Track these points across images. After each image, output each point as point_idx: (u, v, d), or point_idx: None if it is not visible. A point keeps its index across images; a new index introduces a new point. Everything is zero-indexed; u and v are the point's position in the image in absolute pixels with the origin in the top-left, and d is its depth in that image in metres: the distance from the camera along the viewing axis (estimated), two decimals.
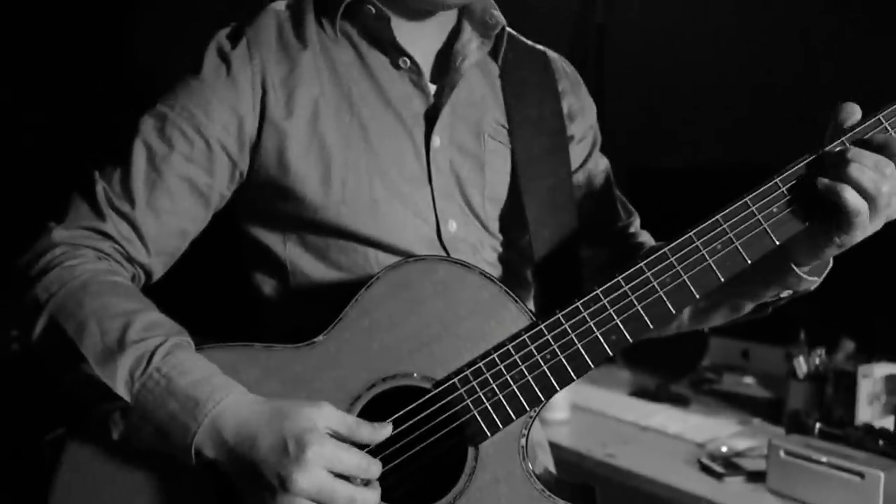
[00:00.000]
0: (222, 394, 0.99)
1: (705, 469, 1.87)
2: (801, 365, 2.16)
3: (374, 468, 1.00)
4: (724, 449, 1.97)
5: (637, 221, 1.41)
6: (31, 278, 1.07)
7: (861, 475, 1.60)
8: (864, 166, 0.99)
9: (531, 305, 1.28)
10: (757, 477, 1.80)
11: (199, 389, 0.99)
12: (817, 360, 2.16)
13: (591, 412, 2.29)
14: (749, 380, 2.58)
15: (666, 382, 2.49)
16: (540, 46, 1.39)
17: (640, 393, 2.47)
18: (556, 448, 1.68)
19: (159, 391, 0.99)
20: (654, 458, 1.96)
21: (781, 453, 1.73)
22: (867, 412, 2.04)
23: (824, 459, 1.66)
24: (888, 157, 1.01)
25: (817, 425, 1.98)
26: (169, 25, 2.49)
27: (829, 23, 2.52)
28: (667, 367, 2.57)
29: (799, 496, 1.69)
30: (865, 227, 1.02)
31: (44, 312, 1.04)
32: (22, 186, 2.31)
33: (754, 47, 2.74)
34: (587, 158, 1.37)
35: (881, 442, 1.86)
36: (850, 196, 0.99)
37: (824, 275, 1.14)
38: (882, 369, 2.08)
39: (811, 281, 1.13)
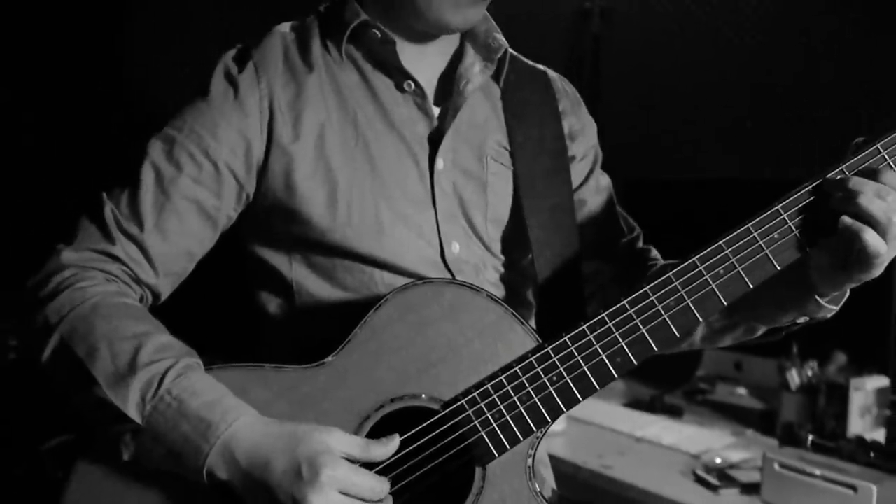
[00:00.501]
0: (234, 416, 1.01)
1: (701, 481, 1.89)
2: (794, 377, 2.19)
3: (385, 487, 1.02)
4: (718, 461, 1.99)
5: (640, 236, 1.43)
6: (41, 300, 1.08)
7: (854, 488, 1.63)
8: (872, 195, 1.00)
9: (533, 324, 1.29)
10: (751, 489, 1.82)
11: (211, 411, 1.00)
12: (809, 373, 2.19)
13: (587, 423, 2.31)
14: (742, 391, 2.60)
15: (660, 393, 2.51)
16: (541, 66, 1.40)
17: (634, 404, 2.50)
18: (553, 460, 1.69)
19: (171, 413, 1.00)
20: (649, 470, 1.98)
21: (776, 466, 1.75)
22: (859, 424, 2.07)
23: (818, 472, 1.69)
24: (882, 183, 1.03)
25: (810, 437, 2.01)
26: (163, 25, 2.50)
27: (829, 23, 2.54)
28: (661, 379, 2.60)
29: None
30: (884, 264, 1.04)
31: (54, 334, 1.05)
32: (20, 186, 2.31)
33: (753, 49, 2.76)
34: (588, 176, 1.39)
35: (872, 454, 1.90)
36: (871, 238, 1.00)
37: (842, 303, 1.15)
38: (873, 382, 2.11)
39: (830, 309, 1.14)
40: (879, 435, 2.10)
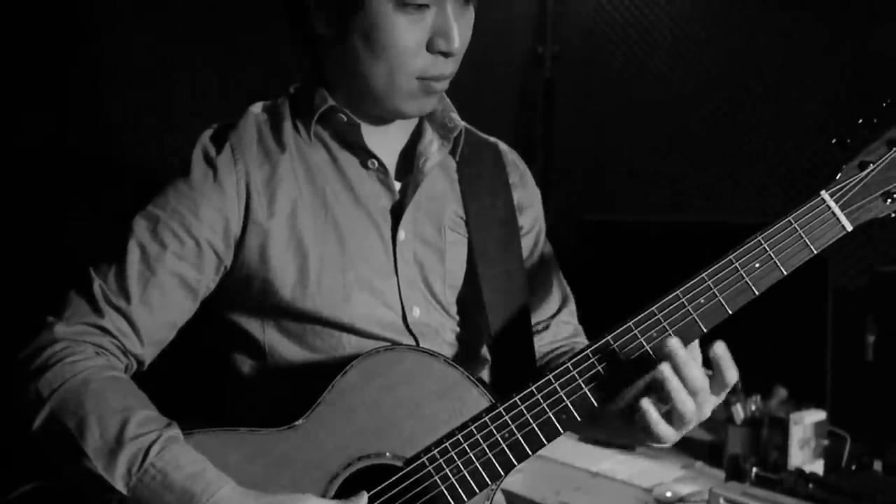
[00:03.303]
0: (215, 487, 1.09)
1: None
2: (739, 411, 2.32)
3: None
4: (668, 494, 2.11)
5: (568, 308, 1.55)
6: (34, 372, 1.16)
7: None
8: (685, 396, 1.14)
9: (486, 376, 1.40)
10: None
11: (194, 483, 1.09)
12: (753, 407, 2.33)
13: (544, 458, 2.40)
14: None
15: None
16: (492, 139, 1.53)
17: (589, 438, 2.60)
18: (511, 496, 1.79)
19: (155, 486, 1.09)
20: None
21: (721, 501, 1.87)
22: (799, 456, 2.21)
23: None
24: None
25: (754, 469, 2.14)
26: (143, 93, 2.56)
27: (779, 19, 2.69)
28: None
29: None
30: (669, 438, 1.18)
31: (45, 406, 1.13)
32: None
33: (700, 95, 2.92)
34: (533, 250, 1.51)
35: (811, 486, 2.03)
36: (651, 415, 1.16)
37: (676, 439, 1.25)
38: (811, 416, 2.25)
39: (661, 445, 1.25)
40: (818, 466, 2.24)
